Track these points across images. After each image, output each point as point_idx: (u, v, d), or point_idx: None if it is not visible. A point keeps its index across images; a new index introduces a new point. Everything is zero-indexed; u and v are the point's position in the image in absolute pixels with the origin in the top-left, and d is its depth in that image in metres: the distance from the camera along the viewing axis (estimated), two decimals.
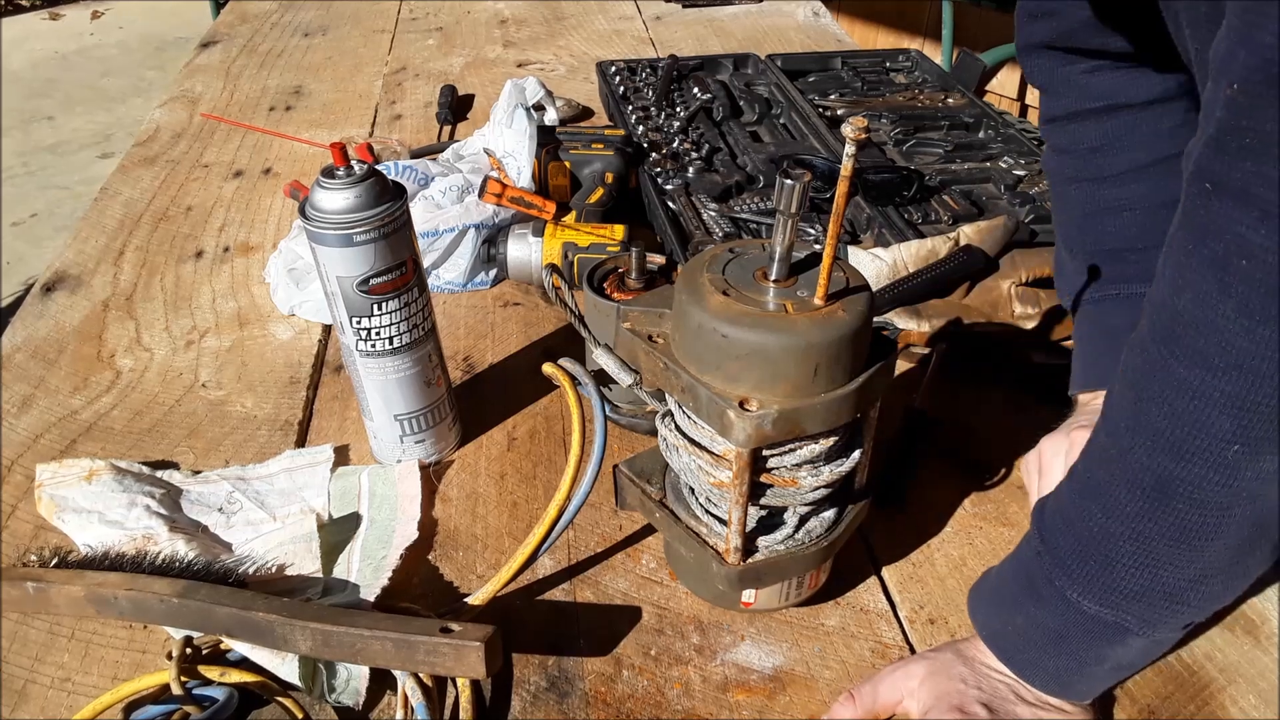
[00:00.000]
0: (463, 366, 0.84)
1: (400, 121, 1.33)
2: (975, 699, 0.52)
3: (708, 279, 0.49)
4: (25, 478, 0.72)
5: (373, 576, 0.61)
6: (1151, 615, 0.47)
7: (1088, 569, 0.48)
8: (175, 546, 0.61)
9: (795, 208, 0.47)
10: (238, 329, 0.90)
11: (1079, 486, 0.49)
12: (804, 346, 0.46)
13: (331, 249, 0.60)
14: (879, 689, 0.55)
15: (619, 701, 0.56)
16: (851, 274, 0.50)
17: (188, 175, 1.19)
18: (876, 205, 0.97)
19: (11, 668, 0.58)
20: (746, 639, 0.59)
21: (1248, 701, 0.56)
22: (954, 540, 0.66)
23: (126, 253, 1.02)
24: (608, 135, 1.04)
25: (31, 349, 0.87)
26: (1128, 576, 0.46)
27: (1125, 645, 0.49)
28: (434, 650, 0.51)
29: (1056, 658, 0.51)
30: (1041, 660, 0.52)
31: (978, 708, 0.52)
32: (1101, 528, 0.47)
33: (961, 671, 0.54)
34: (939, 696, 0.53)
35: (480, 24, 1.70)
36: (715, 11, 1.72)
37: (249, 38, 1.64)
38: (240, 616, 0.53)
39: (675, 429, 0.54)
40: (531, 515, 0.69)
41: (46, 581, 0.57)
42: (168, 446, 0.75)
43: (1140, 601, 0.47)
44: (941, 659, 0.55)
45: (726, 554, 0.54)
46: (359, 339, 0.65)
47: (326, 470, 0.71)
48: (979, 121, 1.17)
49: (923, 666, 0.55)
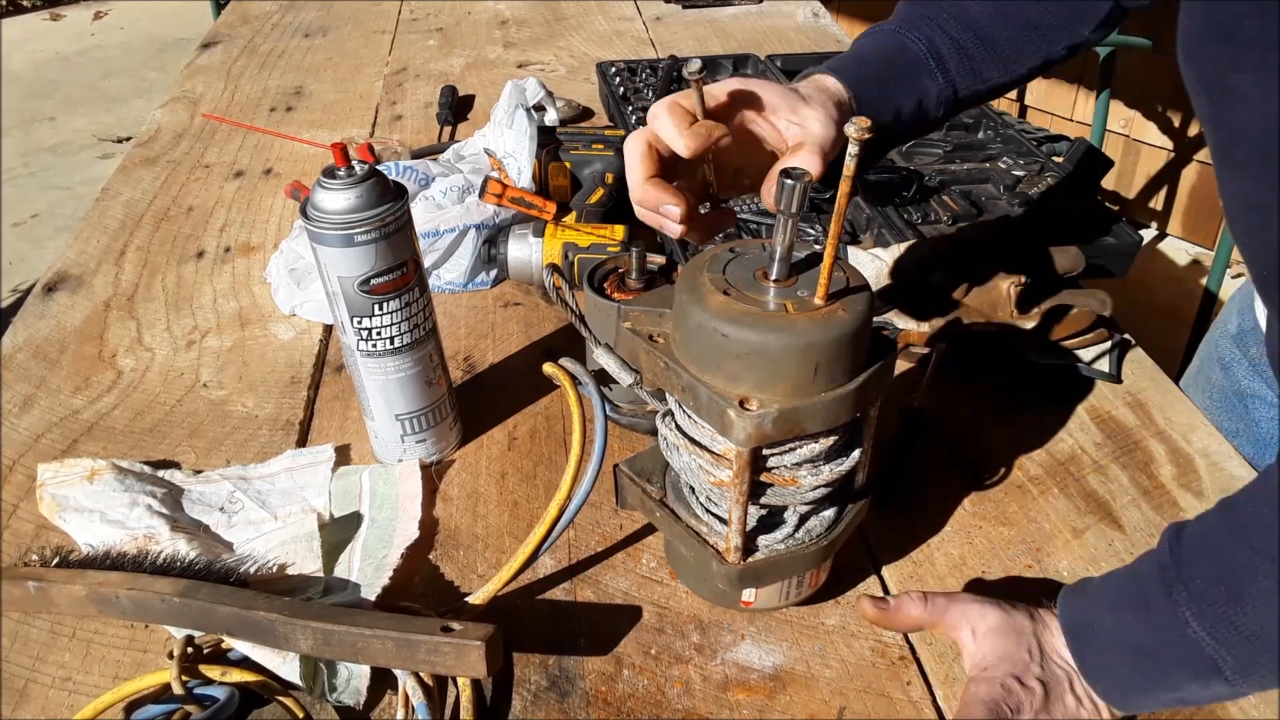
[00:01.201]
0: (463, 366, 0.84)
1: (401, 122, 1.33)
2: (1035, 675, 0.52)
3: (708, 279, 0.50)
4: (27, 477, 0.72)
5: (374, 576, 0.61)
6: (1253, 663, 0.46)
7: (1214, 595, 0.46)
8: (177, 546, 0.61)
9: (795, 208, 0.47)
10: (239, 329, 0.90)
11: (1236, 517, 0.48)
12: (804, 346, 0.46)
13: (332, 249, 0.60)
14: (949, 610, 0.55)
15: (619, 701, 0.56)
16: (851, 274, 0.51)
17: (189, 175, 1.19)
18: (876, 205, 0.97)
19: (13, 667, 0.58)
20: (747, 638, 0.60)
21: (1248, 701, 0.56)
22: (954, 540, 0.67)
23: (128, 253, 1.02)
24: (608, 135, 1.04)
25: (33, 349, 0.87)
26: (1252, 617, 0.45)
27: (1205, 685, 0.48)
28: (435, 649, 0.51)
29: (1133, 671, 0.51)
30: (1115, 668, 0.51)
31: (1035, 683, 0.51)
32: (1247, 562, 0.45)
33: (1031, 642, 0.53)
34: (1002, 657, 0.53)
35: (480, 25, 1.70)
36: (715, 12, 1.72)
37: (250, 38, 1.65)
38: (241, 616, 0.54)
39: (675, 428, 0.54)
40: (532, 515, 0.69)
41: (48, 581, 0.57)
42: (169, 446, 0.75)
43: (1251, 644, 0.46)
44: (1017, 620, 0.54)
45: (726, 553, 0.54)
46: (360, 339, 0.65)
47: (328, 470, 0.71)
48: (978, 121, 1.17)
49: (997, 616, 0.54)
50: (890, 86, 0.64)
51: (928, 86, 0.65)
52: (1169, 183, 2.59)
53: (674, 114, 0.53)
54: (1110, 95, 2.18)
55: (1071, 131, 2.54)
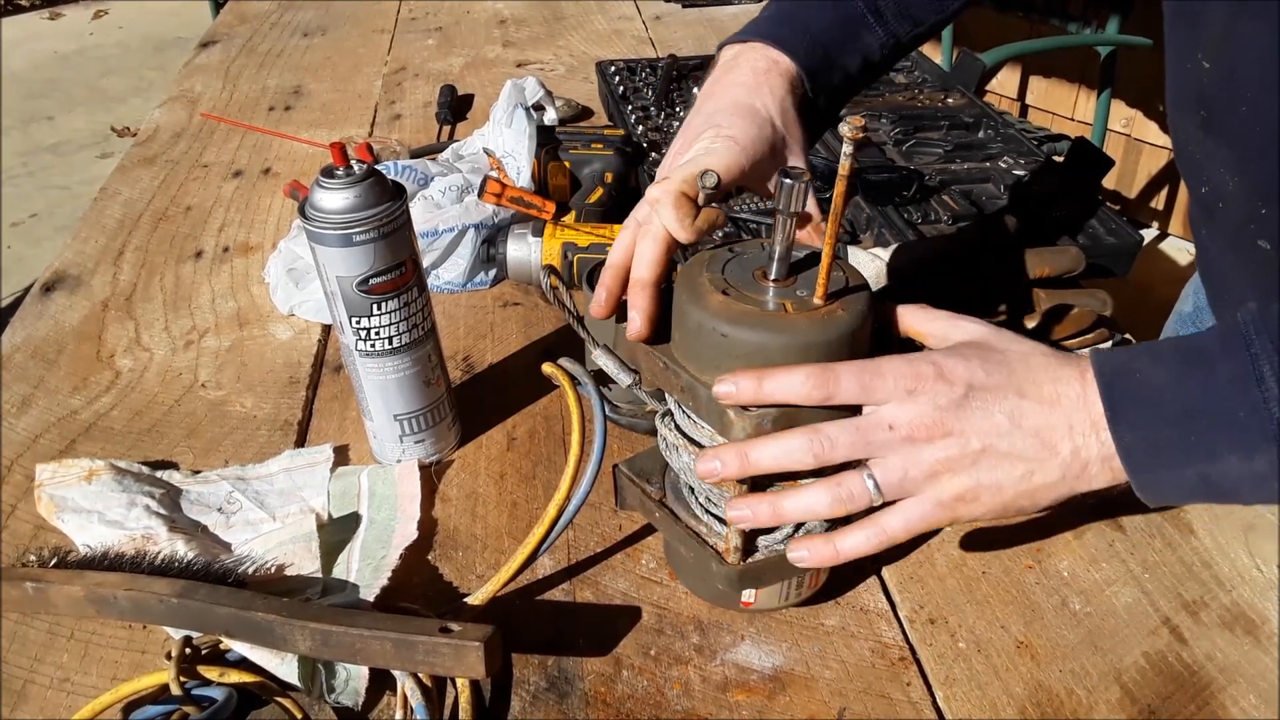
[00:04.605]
0: (462, 366, 0.84)
1: (400, 121, 1.33)
2: (965, 377, 0.47)
3: (707, 279, 0.49)
4: (25, 478, 0.72)
5: (372, 576, 0.61)
6: None
7: None
8: (175, 546, 0.61)
9: (795, 207, 0.47)
10: (237, 329, 0.90)
11: None
12: (803, 346, 0.46)
13: (331, 249, 0.60)
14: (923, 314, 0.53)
15: (619, 701, 0.56)
16: (851, 274, 0.51)
17: (187, 175, 1.19)
18: (876, 205, 0.97)
19: (11, 668, 0.58)
20: (746, 639, 0.59)
21: (1248, 701, 0.56)
22: (954, 540, 0.66)
23: (126, 253, 1.02)
24: (607, 135, 1.04)
25: (31, 349, 0.87)
26: None
27: (1248, 457, 0.43)
28: (433, 650, 0.51)
29: (1172, 430, 0.45)
30: (1152, 423, 0.45)
31: (960, 385, 0.47)
32: None
33: (1011, 368, 0.48)
34: (953, 353, 0.49)
35: (480, 24, 1.70)
36: (715, 11, 1.72)
37: (248, 38, 1.64)
38: (239, 616, 0.53)
39: (675, 428, 0.54)
40: (531, 515, 0.69)
41: (46, 581, 0.57)
42: (167, 446, 0.75)
43: None
44: (1012, 351, 0.49)
45: (726, 554, 0.54)
46: (358, 339, 0.65)
47: (326, 470, 0.71)
48: (979, 121, 1.17)
49: (983, 331, 0.51)
50: (834, 51, 0.65)
51: (869, 42, 0.66)
52: (1170, 182, 2.59)
53: (679, 207, 0.53)
54: (1111, 95, 2.18)
55: (1072, 131, 2.54)
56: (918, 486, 0.48)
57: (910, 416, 0.47)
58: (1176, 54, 0.58)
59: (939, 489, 0.48)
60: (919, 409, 0.47)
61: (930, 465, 0.47)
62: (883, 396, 0.47)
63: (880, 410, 0.48)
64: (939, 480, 0.48)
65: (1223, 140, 0.56)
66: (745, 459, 0.48)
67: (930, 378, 0.47)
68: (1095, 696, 0.56)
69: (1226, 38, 0.52)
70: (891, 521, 0.49)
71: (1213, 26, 0.53)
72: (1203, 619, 0.60)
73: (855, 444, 0.47)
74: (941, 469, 0.47)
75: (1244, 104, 0.52)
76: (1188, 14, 0.56)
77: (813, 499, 0.49)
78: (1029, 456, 0.47)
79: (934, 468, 0.47)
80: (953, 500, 0.48)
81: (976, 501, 0.48)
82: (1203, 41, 0.54)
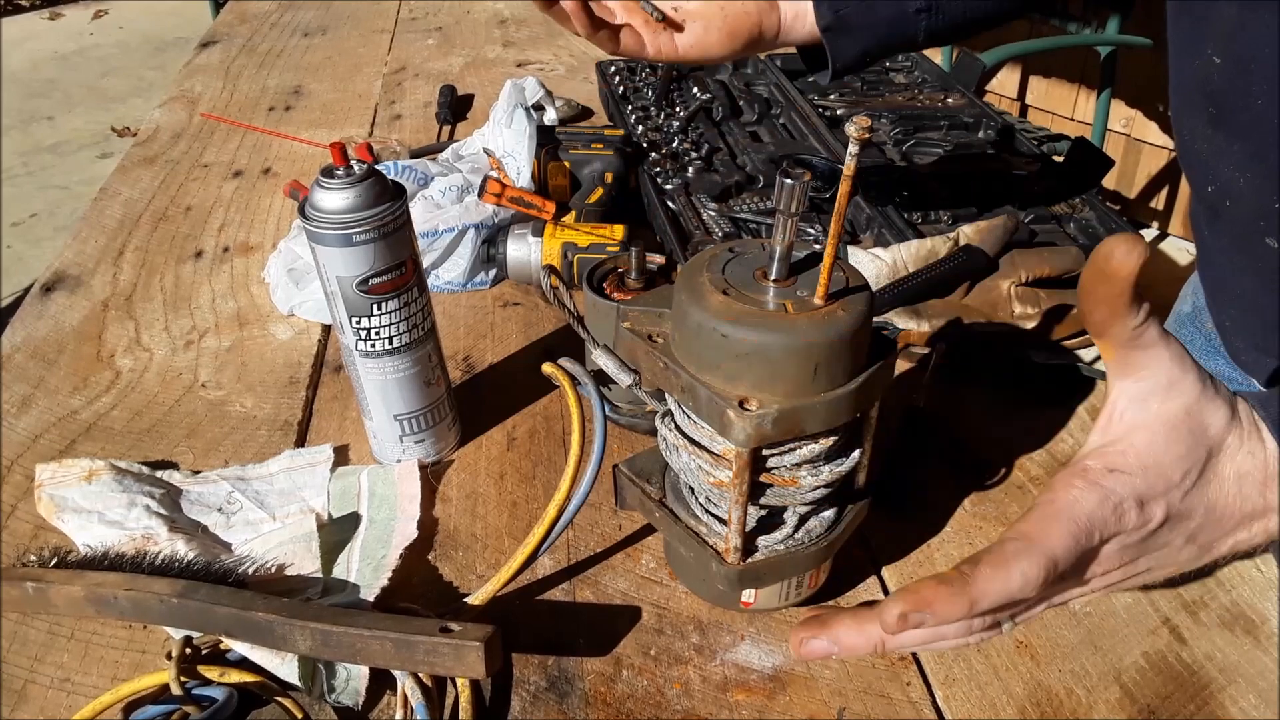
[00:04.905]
0: (462, 366, 0.84)
1: (400, 121, 1.33)
2: (1165, 502, 0.42)
3: (707, 278, 0.49)
4: (25, 478, 0.72)
5: (372, 576, 0.61)
6: None
7: None
8: (175, 546, 0.61)
9: (795, 207, 0.47)
10: (237, 329, 0.90)
11: None
12: (804, 346, 0.46)
13: (331, 249, 0.60)
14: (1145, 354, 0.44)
15: (619, 701, 0.56)
16: (851, 274, 0.50)
17: (187, 175, 1.19)
18: (876, 205, 0.97)
19: (11, 668, 0.58)
20: (746, 639, 0.59)
21: (1248, 701, 0.56)
22: (954, 540, 0.66)
23: (126, 253, 1.02)
24: (607, 135, 1.04)
25: (31, 349, 0.87)
26: None
27: None
28: (433, 650, 0.51)
29: None
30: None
31: (1158, 511, 0.42)
32: None
33: (1198, 456, 0.43)
34: (1148, 466, 0.42)
35: (480, 24, 1.70)
36: None
37: (248, 38, 1.64)
38: (240, 616, 0.53)
39: (675, 429, 0.54)
40: (531, 515, 0.69)
41: (46, 581, 0.57)
42: (167, 446, 0.75)
43: None
44: (1206, 417, 0.43)
45: (726, 554, 0.54)
46: (358, 339, 0.65)
47: (326, 470, 0.71)
48: (979, 121, 1.17)
49: (1191, 398, 0.44)
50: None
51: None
52: (1170, 182, 2.59)
53: None
54: (1111, 95, 2.18)
55: (1072, 131, 2.54)
56: None
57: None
58: (1181, 50, 0.58)
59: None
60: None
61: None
62: None
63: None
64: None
65: (1234, 135, 0.56)
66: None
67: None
68: (1095, 696, 0.56)
69: (1238, 30, 0.52)
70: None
71: (1223, 20, 0.53)
72: (1202, 619, 0.60)
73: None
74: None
75: (1259, 97, 0.52)
76: (1194, 9, 0.56)
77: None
78: (1184, 562, 0.45)
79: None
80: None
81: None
82: (1211, 35, 0.54)
